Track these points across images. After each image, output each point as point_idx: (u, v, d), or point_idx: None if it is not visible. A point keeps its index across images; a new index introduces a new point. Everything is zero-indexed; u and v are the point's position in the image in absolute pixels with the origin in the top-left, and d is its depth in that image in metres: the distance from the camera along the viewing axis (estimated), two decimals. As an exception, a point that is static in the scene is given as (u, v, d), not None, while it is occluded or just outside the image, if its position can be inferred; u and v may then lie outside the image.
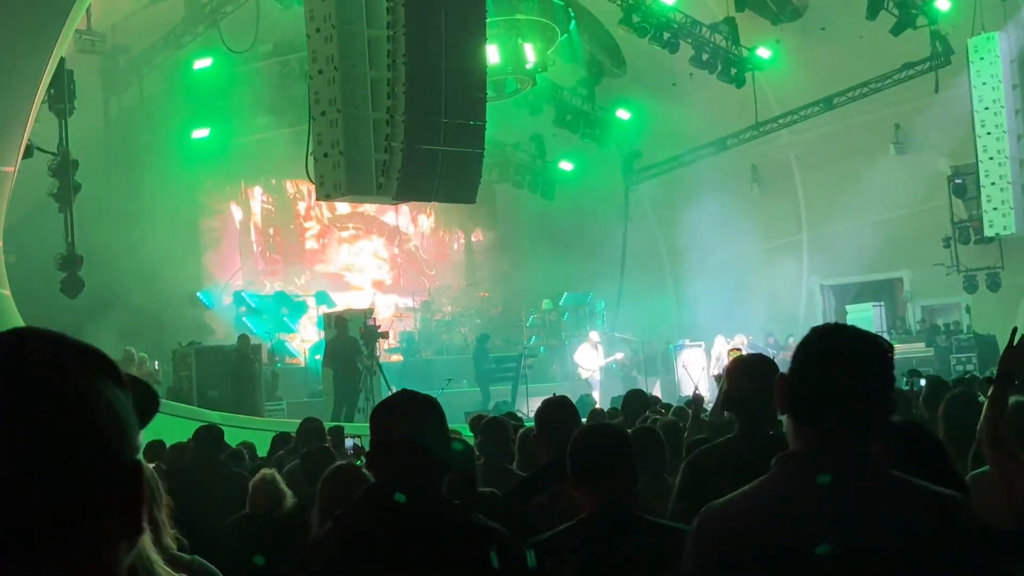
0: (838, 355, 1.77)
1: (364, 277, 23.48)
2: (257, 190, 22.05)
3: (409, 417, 2.28)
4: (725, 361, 16.01)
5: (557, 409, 4.04)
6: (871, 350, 1.79)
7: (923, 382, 6.86)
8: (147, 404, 0.90)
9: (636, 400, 7.20)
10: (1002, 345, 2.66)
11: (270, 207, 22.28)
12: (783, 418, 1.84)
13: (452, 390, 16.71)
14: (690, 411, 7.27)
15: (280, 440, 7.86)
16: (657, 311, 23.33)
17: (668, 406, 8.97)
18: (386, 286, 23.60)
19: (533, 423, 4.28)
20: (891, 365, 1.80)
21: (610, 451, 2.70)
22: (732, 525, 1.74)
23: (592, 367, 19.19)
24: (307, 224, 23.04)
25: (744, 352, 7.17)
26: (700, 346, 20.54)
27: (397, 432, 2.24)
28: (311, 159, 11.11)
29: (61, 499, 0.81)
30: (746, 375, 3.25)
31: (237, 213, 21.76)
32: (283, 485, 4.67)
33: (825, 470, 1.70)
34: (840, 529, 1.65)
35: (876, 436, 1.78)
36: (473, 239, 25.33)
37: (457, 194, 12.07)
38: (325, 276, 22.33)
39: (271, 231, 22.30)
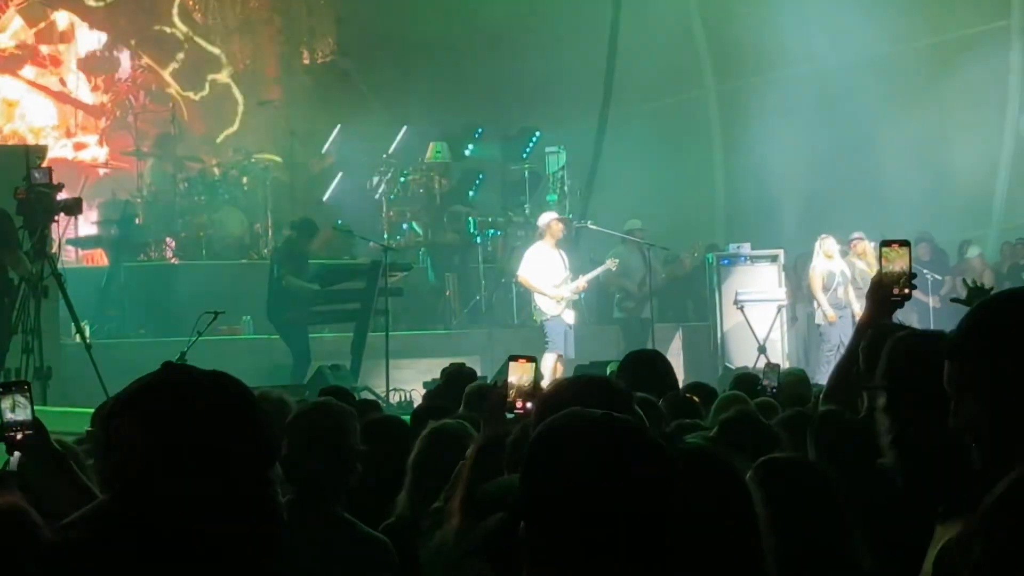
0: None
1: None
2: None
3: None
4: (848, 278, 18.67)
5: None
6: None
7: None
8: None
9: (647, 375, 6.86)
10: None
11: None
12: None
13: (220, 337, 16.92)
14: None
15: None
16: (684, 182, 23.81)
17: (701, 387, 8.77)
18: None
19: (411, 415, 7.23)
20: None
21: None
22: None
23: (559, 298, 18.20)
24: None
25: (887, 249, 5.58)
26: (776, 257, 20.57)
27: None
28: None
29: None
30: (910, 359, 4.26)
31: None
32: None
33: None
34: None
35: None
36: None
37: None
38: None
39: None
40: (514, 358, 4.78)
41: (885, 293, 4.86)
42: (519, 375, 4.66)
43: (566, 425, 2.59)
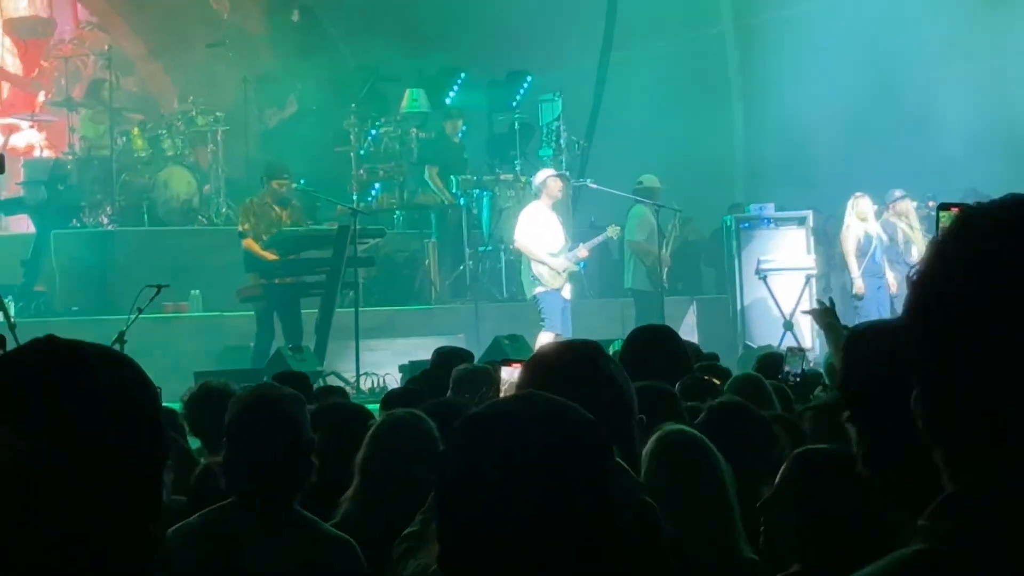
0: None
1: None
2: None
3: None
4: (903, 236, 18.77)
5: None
6: None
7: None
8: None
9: (656, 356, 6.76)
10: None
11: None
12: None
13: (164, 315, 17.10)
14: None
15: None
16: (698, 133, 23.02)
17: (713, 363, 9.10)
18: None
19: (380, 404, 7.40)
20: None
21: None
22: None
23: (558, 269, 17.86)
24: None
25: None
26: (804, 219, 20.22)
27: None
28: None
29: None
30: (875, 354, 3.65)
31: None
32: None
33: None
34: None
35: None
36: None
37: None
38: None
39: None
40: (506, 362, 5.02)
41: None
42: (511, 382, 4.76)
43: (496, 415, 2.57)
